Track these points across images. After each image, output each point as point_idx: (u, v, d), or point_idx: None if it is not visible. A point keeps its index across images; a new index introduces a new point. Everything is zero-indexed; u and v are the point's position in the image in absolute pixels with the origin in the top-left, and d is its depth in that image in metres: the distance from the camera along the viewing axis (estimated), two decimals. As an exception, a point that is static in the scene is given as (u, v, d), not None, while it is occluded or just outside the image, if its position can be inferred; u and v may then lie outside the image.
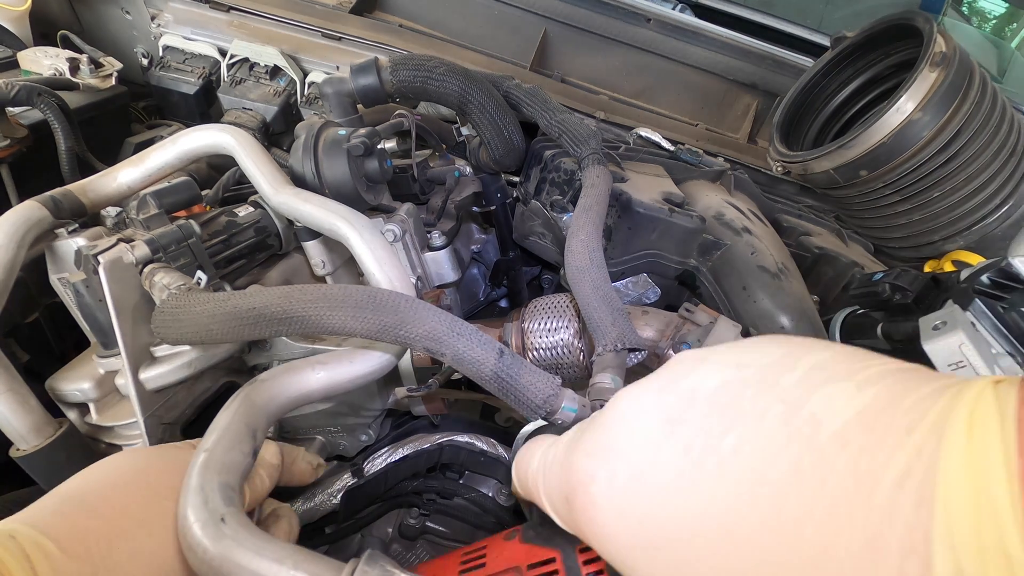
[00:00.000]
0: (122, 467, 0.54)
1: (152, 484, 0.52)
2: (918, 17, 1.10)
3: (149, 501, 0.51)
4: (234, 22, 1.46)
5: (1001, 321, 0.71)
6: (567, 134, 1.03)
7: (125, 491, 0.51)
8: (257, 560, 0.45)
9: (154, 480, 0.53)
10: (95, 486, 0.51)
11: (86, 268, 0.70)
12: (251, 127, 1.37)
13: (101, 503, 0.49)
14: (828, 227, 1.41)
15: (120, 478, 0.52)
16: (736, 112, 1.68)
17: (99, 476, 0.52)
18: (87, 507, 0.48)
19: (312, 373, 0.67)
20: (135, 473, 0.53)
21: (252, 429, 0.56)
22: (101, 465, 0.54)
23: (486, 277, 1.41)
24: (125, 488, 0.51)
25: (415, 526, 1.25)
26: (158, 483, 0.52)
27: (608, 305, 0.70)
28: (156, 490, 0.52)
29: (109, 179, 0.89)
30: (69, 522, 0.46)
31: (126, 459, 0.55)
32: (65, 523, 0.46)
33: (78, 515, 0.47)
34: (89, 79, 1.29)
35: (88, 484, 0.51)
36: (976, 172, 1.05)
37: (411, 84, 1.05)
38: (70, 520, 0.46)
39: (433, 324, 0.56)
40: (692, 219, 1.03)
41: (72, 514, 0.47)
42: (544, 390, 0.56)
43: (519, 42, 1.59)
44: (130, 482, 0.52)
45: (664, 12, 1.60)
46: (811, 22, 1.92)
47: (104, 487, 0.51)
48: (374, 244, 0.77)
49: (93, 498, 0.49)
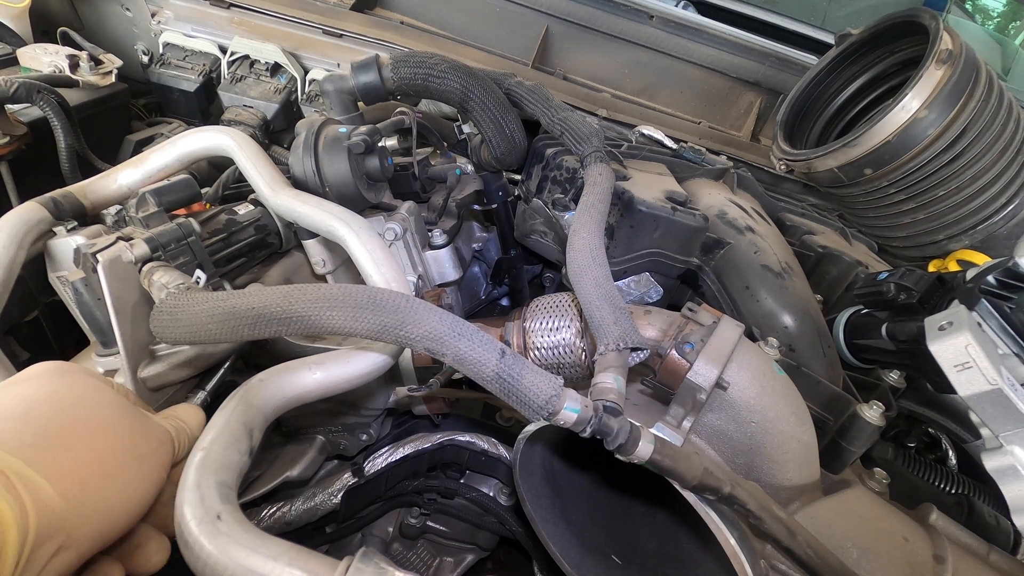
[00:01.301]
0: (91, 406, 0.52)
1: (118, 435, 0.51)
2: (924, 14, 1.09)
3: (118, 454, 0.50)
4: (235, 19, 1.46)
5: (1008, 321, 0.71)
6: (569, 132, 1.02)
7: (98, 437, 0.50)
8: (253, 557, 0.45)
9: (121, 432, 0.52)
10: (66, 420, 0.49)
11: (85, 267, 0.70)
12: (251, 125, 1.36)
13: (75, 442, 0.48)
14: (832, 226, 1.40)
15: (87, 416, 0.51)
16: (739, 110, 1.67)
17: (63, 406, 0.50)
18: (65, 444, 0.47)
19: (309, 373, 0.67)
20: (107, 419, 0.52)
21: (249, 428, 0.56)
22: (57, 388, 0.52)
23: (487, 276, 1.41)
24: (95, 432, 0.50)
25: (416, 525, 1.25)
26: (129, 440, 0.52)
27: (610, 304, 0.69)
28: (127, 446, 0.51)
29: (109, 180, 0.88)
30: (51, 457, 0.45)
31: (94, 396, 0.53)
32: (47, 457, 0.45)
33: (58, 451, 0.46)
34: (89, 76, 1.28)
35: (55, 414, 0.49)
36: (981, 171, 1.04)
37: (412, 81, 1.04)
38: (51, 455, 0.45)
39: (434, 324, 0.56)
40: (695, 218, 1.02)
41: (53, 449, 0.46)
42: (546, 391, 0.55)
43: (521, 39, 1.58)
44: (99, 426, 0.51)
45: (667, 9, 1.59)
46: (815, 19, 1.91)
47: (72, 422, 0.49)
48: (371, 245, 0.77)
49: (66, 434, 0.48)
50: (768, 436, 0.73)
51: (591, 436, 0.57)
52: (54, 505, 0.43)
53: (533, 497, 0.87)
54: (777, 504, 0.63)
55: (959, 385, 0.67)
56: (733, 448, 0.75)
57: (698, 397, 0.68)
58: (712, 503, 0.63)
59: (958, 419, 1.10)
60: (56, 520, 0.43)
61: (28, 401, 0.49)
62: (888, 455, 1.09)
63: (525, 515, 0.86)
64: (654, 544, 0.89)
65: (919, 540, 0.77)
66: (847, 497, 0.81)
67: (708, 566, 0.80)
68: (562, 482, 0.92)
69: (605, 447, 0.58)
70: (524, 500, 0.86)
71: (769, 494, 0.65)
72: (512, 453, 0.84)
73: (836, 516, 0.77)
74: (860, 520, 0.78)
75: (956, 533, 0.82)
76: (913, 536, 0.77)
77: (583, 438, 0.58)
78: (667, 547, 0.87)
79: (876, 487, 0.89)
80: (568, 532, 0.87)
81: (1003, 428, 0.65)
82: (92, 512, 0.46)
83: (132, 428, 0.53)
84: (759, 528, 0.62)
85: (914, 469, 1.08)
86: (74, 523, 0.45)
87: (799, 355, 0.94)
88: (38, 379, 0.52)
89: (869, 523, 0.78)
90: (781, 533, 0.61)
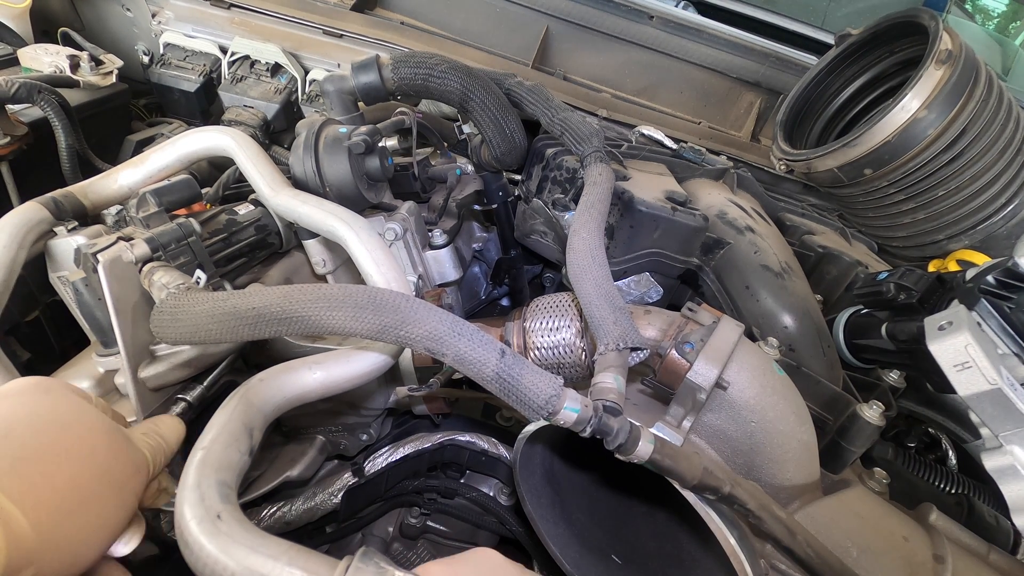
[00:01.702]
0: (65, 423, 0.50)
1: (96, 459, 0.50)
2: (924, 14, 1.09)
3: (93, 482, 0.48)
4: (235, 19, 1.46)
5: (1007, 321, 0.71)
6: (569, 132, 1.03)
7: (75, 462, 0.48)
8: (253, 556, 0.45)
9: (98, 455, 0.50)
10: (42, 441, 0.47)
11: (85, 267, 0.70)
12: (252, 125, 1.36)
13: (53, 468, 0.46)
14: (832, 226, 1.40)
15: (66, 438, 0.48)
16: (739, 110, 1.67)
17: (42, 426, 0.48)
18: (42, 469, 0.45)
19: (309, 373, 0.67)
20: (81, 438, 0.50)
21: (249, 428, 0.56)
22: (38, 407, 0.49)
23: (487, 275, 1.41)
24: (74, 456, 0.48)
25: (416, 525, 1.25)
26: (105, 465, 0.50)
27: (610, 304, 0.69)
28: (103, 472, 0.49)
29: (110, 181, 0.89)
30: (28, 485, 0.43)
31: (75, 417, 0.51)
32: (23, 486, 0.43)
33: (36, 478, 0.44)
34: (89, 76, 1.29)
35: (34, 436, 0.47)
36: (981, 171, 1.04)
37: (412, 82, 1.04)
38: (28, 483, 0.43)
39: (434, 324, 0.56)
40: (695, 218, 1.02)
41: (30, 476, 0.44)
42: (546, 391, 0.55)
43: (521, 39, 1.58)
44: (78, 449, 0.48)
45: (667, 9, 1.59)
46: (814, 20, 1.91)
47: (51, 445, 0.47)
48: (371, 245, 0.77)
49: (45, 458, 0.46)
50: (768, 436, 0.73)
51: (591, 436, 0.57)
52: (26, 538, 0.41)
53: (533, 497, 0.87)
54: (777, 504, 0.63)
55: (959, 385, 0.67)
56: (733, 448, 0.75)
57: (698, 397, 0.68)
58: (712, 503, 0.63)
59: (958, 419, 1.10)
60: (26, 554, 0.41)
61: (6, 421, 0.47)
62: (888, 455, 1.09)
63: (525, 515, 0.87)
64: (654, 544, 0.89)
65: (919, 540, 0.77)
66: (847, 497, 0.81)
67: (708, 566, 0.80)
68: (562, 482, 0.92)
69: (605, 447, 0.58)
70: (524, 500, 0.86)
71: (769, 494, 0.65)
72: (512, 453, 0.84)
73: (836, 516, 0.77)
74: (860, 520, 0.78)
75: (956, 533, 0.82)
76: (913, 536, 0.78)
77: (583, 438, 0.58)
78: (667, 547, 0.87)
79: (876, 487, 0.89)
80: (568, 532, 0.87)
81: (1003, 428, 0.65)
82: (64, 544, 0.45)
83: (111, 453, 0.51)
84: (759, 528, 0.62)
85: (914, 469, 1.08)
86: (44, 556, 0.42)
87: (799, 355, 0.94)
88: (19, 397, 0.50)
89: (869, 523, 0.78)
90: (781, 533, 0.61)
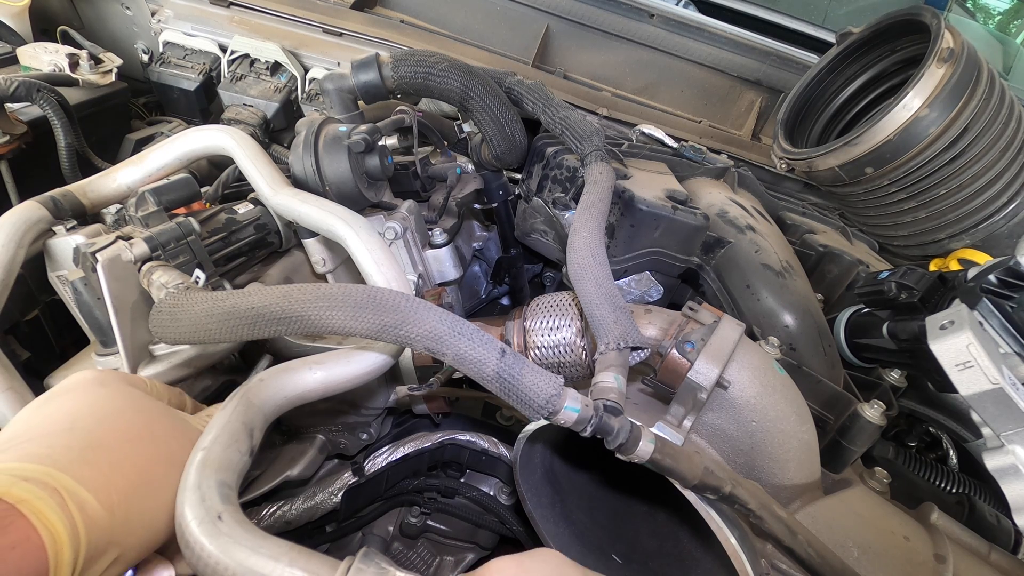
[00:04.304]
0: (125, 411, 0.53)
1: (157, 442, 0.53)
2: (925, 12, 1.09)
3: (158, 464, 0.51)
4: (235, 18, 1.46)
5: (1009, 321, 0.70)
6: (569, 131, 1.02)
7: (139, 447, 0.51)
8: (254, 557, 0.45)
9: (159, 438, 0.53)
10: (105, 429, 0.50)
11: (84, 266, 0.70)
12: (251, 123, 1.36)
13: (118, 454, 0.49)
14: (833, 225, 1.40)
15: (127, 425, 0.52)
16: (740, 109, 1.67)
17: (105, 415, 0.52)
18: (109, 456, 0.48)
19: (309, 373, 0.66)
20: (141, 423, 0.53)
21: (249, 428, 0.56)
22: (98, 399, 0.53)
23: (488, 275, 1.40)
24: (136, 440, 0.51)
25: (416, 524, 1.25)
26: (167, 448, 0.53)
27: (611, 303, 0.69)
28: (166, 455, 0.52)
29: (109, 180, 0.88)
30: (97, 471, 0.46)
31: (133, 405, 0.55)
32: (94, 473, 0.46)
33: (103, 464, 0.47)
34: (89, 75, 1.28)
35: (98, 425, 0.50)
36: (983, 170, 1.04)
37: (412, 80, 1.04)
38: (97, 469, 0.46)
39: (434, 324, 0.56)
40: (695, 217, 1.02)
41: (98, 462, 0.47)
42: (546, 390, 0.55)
43: (521, 38, 1.58)
44: (139, 434, 0.52)
45: (667, 8, 1.59)
46: (816, 18, 1.91)
47: (114, 432, 0.50)
48: (371, 244, 0.76)
49: (109, 444, 0.49)
50: (769, 435, 0.73)
51: (591, 435, 0.57)
52: (102, 521, 0.44)
53: (533, 496, 0.87)
54: (778, 503, 0.63)
55: (960, 384, 0.67)
56: (734, 447, 0.75)
57: (699, 396, 0.68)
58: (713, 502, 0.63)
59: (959, 418, 1.10)
60: (105, 535, 0.44)
61: (72, 415, 0.50)
62: (889, 454, 1.09)
63: (525, 514, 0.87)
64: (655, 543, 0.89)
65: (920, 539, 0.77)
66: (848, 496, 0.81)
67: (708, 565, 0.80)
68: (562, 481, 0.92)
69: (606, 446, 0.58)
70: (524, 499, 0.86)
71: (770, 493, 0.65)
72: (512, 452, 0.84)
73: (837, 515, 0.77)
74: (861, 519, 0.78)
75: (957, 532, 0.82)
76: (914, 535, 0.77)
77: (583, 437, 0.58)
78: (668, 546, 0.87)
79: (877, 486, 0.89)
80: (568, 531, 0.87)
81: (1004, 427, 0.65)
82: (137, 523, 0.48)
83: (171, 435, 0.54)
84: (760, 527, 0.62)
85: (915, 468, 1.08)
86: (121, 536, 0.46)
87: (800, 354, 0.94)
88: (78, 391, 0.53)
89: (870, 522, 0.78)
90: (782, 532, 0.61)
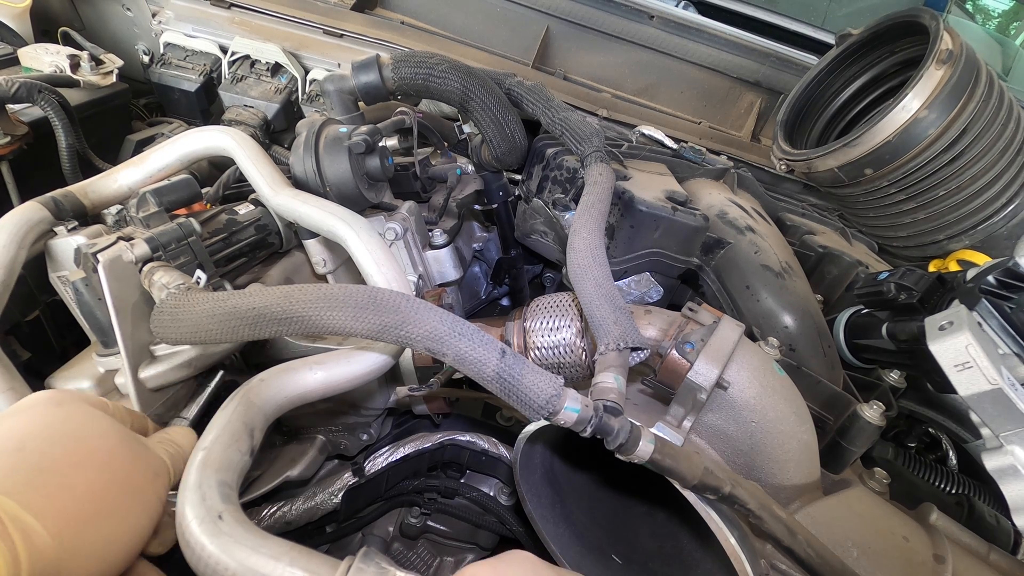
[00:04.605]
0: (80, 433, 0.50)
1: (113, 467, 0.50)
2: (924, 14, 1.09)
3: (114, 490, 0.48)
4: (235, 19, 1.46)
5: (1008, 321, 0.71)
6: (569, 132, 1.02)
7: (93, 472, 0.48)
8: (254, 557, 0.45)
9: (116, 463, 0.50)
10: (57, 452, 0.47)
11: (85, 266, 0.70)
12: (252, 124, 1.36)
13: (70, 478, 0.46)
14: (832, 226, 1.40)
15: (82, 448, 0.49)
16: (739, 110, 1.67)
17: (57, 437, 0.48)
18: (60, 480, 0.45)
19: (310, 373, 0.67)
20: (97, 447, 0.50)
21: (250, 428, 0.56)
22: (52, 420, 0.49)
23: (488, 275, 1.41)
24: (91, 465, 0.48)
25: (416, 525, 1.25)
26: (124, 473, 0.50)
27: (611, 304, 0.69)
28: (123, 480, 0.50)
29: (110, 180, 0.88)
30: (46, 497, 0.43)
31: (89, 427, 0.51)
32: (42, 498, 0.43)
33: (53, 489, 0.44)
34: (90, 76, 1.28)
35: (49, 447, 0.47)
36: (982, 171, 1.04)
37: (413, 81, 1.04)
38: (46, 494, 0.43)
39: (434, 324, 0.56)
40: (695, 217, 1.02)
41: (47, 487, 0.44)
42: (547, 390, 0.55)
43: (521, 39, 1.58)
44: (94, 458, 0.49)
45: (667, 9, 1.59)
46: (815, 19, 1.91)
47: (66, 455, 0.47)
48: (372, 245, 0.77)
49: (61, 468, 0.46)
50: (768, 436, 0.73)
51: (591, 436, 0.57)
52: (48, 551, 0.41)
53: (533, 497, 0.87)
54: (777, 504, 0.63)
55: (959, 385, 0.67)
56: (733, 448, 0.75)
57: (698, 397, 0.68)
58: (712, 503, 0.63)
59: (958, 419, 1.10)
60: (52, 566, 0.41)
61: (22, 435, 0.47)
62: (888, 455, 1.09)
63: (525, 515, 0.87)
64: (654, 543, 0.89)
65: (919, 540, 0.77)
66: (847, 497, 0.81)
67: (708, 566, 0.80)
68: (562, 482, 0.92)
69: (605, 447, 0.58)
70: (524, 500, 0.86)
71: (769, 494, 0.65)
72: (512, 453, 0.84)
73: (836, 516, 0.77)
74: (860, 520, 0.78)
75: (956, 533, 0.82)
76: (913, 536, 0.78)
77: (583, 438, 0.58)
78: (667, 546, 0.87)
79: (876, 487, 0.89)
80: (568, 532, 0.87)
81: (1003, 428, 0.65)
82: (87, 553, 0.45)
83: (128, 460, 0.51)
84: (759, 528, 0.62)
85: (914, 469, 1.08)
86: (71, 567, 0.43)
87: (799, 355, 0.94)
88: (32, 411, 0.50)
89: (869, 523, 0.78)
90: (781, 533, 0.61)
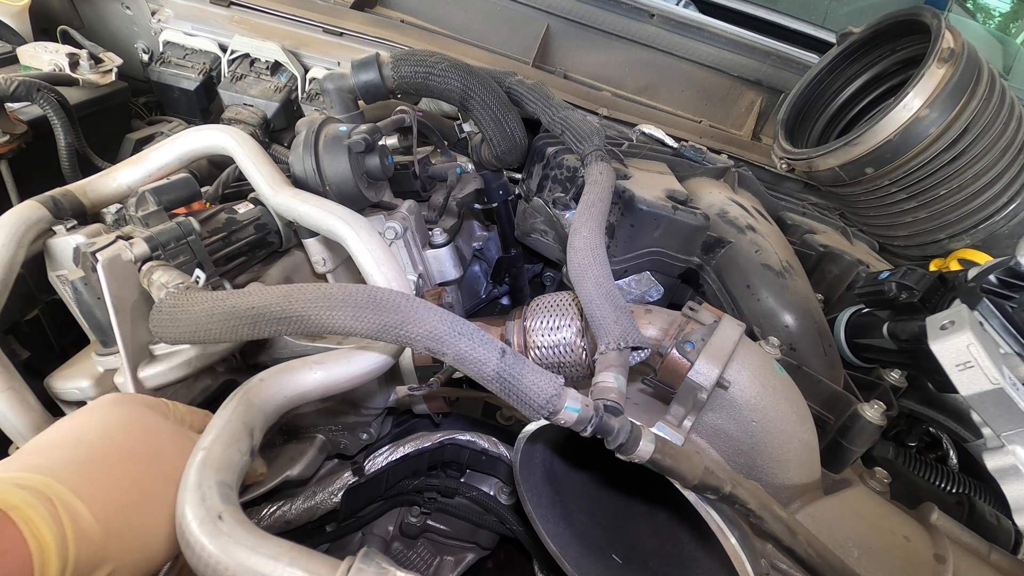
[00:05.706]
0: (132, 429, 0.54)
1: (161, 461, 0.53)
2: (926, 13, 1.09)
3: (160, 482, 0.51)
4: (235, 18, 1.46)
5: (1009, 321, 0.70)
6: (570, 131, 1.02)
7: (139, 462, 0.51)
8: (254, 557, 0.45)
9: (164, 457, 0.53)
10: (108, 445, 0.50)
11: (84, 266, 0.70)
12: (252, 123, 1.36)
13: (119, 469, 0.49)
14: (833, 225, 1.40)
15: (132, 442, 0.52)
16: (740, 109, 1.67)
17: (110, 432, 0.52)
18: (108, 470, 0.48)
19: (310, 373, 0.66)
20: (146, 442, 0.53)
21: (250, 428, 0.56)
22: (108, 417, 0.53)
23: (488, 274, 1.40)
24: (139, 458, 0.51)
25: (416, 524, 1.25)
26: (167, 462, 0.53)
27: (611, 303, 0.69)
28: (170, 474, 0.52)
29: (109, 179, 0.88)
30: (94, 483, 0.46)
31: (142, 424, 0.55)
32: (90, 484, 0.45)
33: (101, 477, 0.47)
34: (89, 75, 1.28)
35: (101, 440, 0.50)
36: (983, 170, 1.04)
37: (412, 80, 1.04)
38: (95, 482, 0.46)
39: (434, 324, 0.56)
40: (696, 217, 1.02)
41: (96, 475, 0.46)
42: (547, 390, 0.55)
43: (521, 38, 1.58)
44: (143, 452, 0.52)
45: (668, 8, 1.59)
46: (816, 18, 1.91)
47: (117, 448, 0.50)
48: (372, 244, 0.76)
49: (110, 459, 0.49)
50: (769, 435, 0.73)
51: (592, 435, 0.57)
52: (95, 534, 0.43)
53: (533, 496, 0.87)
54: (778, 503, 0.63)
55: (960, 384, 0.67)
56: (734, 447, 0.75)
57: (699, 396, 0.68)
58: (713, 502, 0.63)
59: (959, 418, 1.10)
60: (97, 549, 0.43)
61: (80, 430, 0.51)
62: (889, 454, 1.09)
63: (525, 514, 0.86)
64: (655, 543, 0.89)
65: (920, 539, 0.77)
66: (848, 496, 0.81)
67: (709, 565, 0.80)
68: (563, 481, 0.92)
69: (606, 446, 0.58)
70: (524, 499, 0.86)
71: (770, 493, 0.65)
72: (512, 452, 0.83)
73: (837, 515, 0.77)
74: (861, 519, 0.78)
75: (957, 533, 0.82)
76: (914, 535, 0.77)
77: (584, 437, 0.58)
78: (668, 546, 0.87)
79: (877, 486, 0.89)
80: (568, 531, 0.87)
81: (1004, 427, 0.65)
82: (133, 539, 0.47)
83: (176, 455, 0.54)
84: (760, 527, 0.61)
85: (915, 468, 1.08)
86: (116, 551, 0.45)
87: (800, 354, 0.94)
88: (94, 409, 0.54)
89: (870, 522, 0.78)
90: (782, 532, 0.61)
